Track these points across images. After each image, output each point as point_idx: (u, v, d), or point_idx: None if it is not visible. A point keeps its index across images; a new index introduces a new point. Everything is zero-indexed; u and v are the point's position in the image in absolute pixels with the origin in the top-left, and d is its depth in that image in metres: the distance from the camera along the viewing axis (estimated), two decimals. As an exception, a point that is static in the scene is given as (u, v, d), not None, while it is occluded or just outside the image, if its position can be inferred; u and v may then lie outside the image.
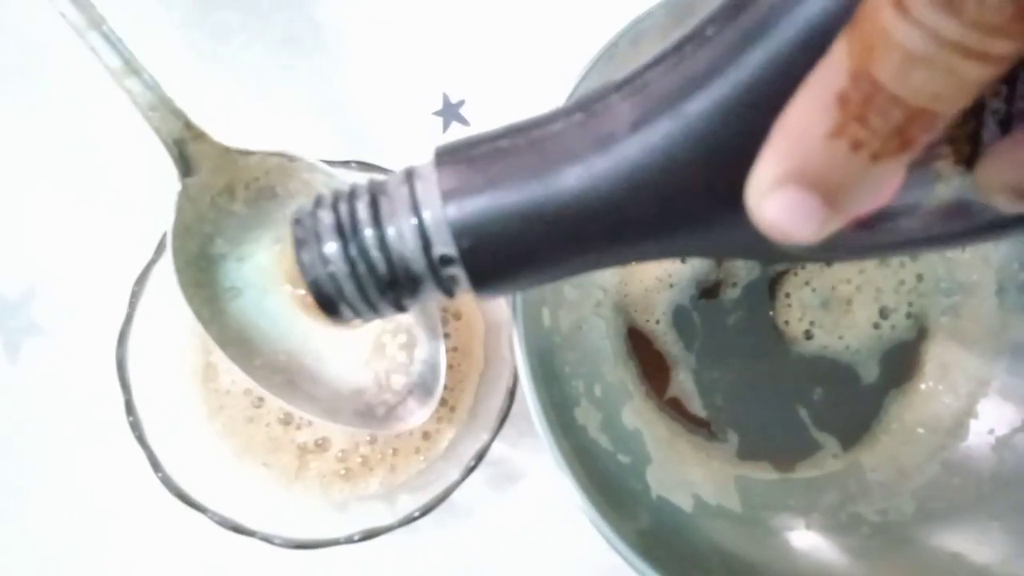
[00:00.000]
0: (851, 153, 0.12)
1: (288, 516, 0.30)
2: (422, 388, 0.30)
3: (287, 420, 0.33)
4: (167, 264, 0.30)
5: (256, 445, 0.32)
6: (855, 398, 0.34)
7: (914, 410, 0.33)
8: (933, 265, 0.34)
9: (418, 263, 0.17)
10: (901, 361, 0.34)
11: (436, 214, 0.16)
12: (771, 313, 0.34)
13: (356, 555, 0.34)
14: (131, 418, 0.29)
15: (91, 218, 0.36)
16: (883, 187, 0.13)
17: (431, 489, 0.30)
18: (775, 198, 0.13)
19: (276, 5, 0.38)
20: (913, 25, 0.11)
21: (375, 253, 0.17)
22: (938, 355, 0.34)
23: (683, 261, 0.34)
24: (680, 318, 0.34)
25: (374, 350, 0.31)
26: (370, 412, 0.30)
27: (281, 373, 0.29)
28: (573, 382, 0.31)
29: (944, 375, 0.33)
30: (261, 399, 0.33)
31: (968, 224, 0.16)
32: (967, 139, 0.14)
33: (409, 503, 0.30)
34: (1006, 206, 0.15)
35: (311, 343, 0.29)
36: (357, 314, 0.19)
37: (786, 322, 0.34)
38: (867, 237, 0.16)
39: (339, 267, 0.17)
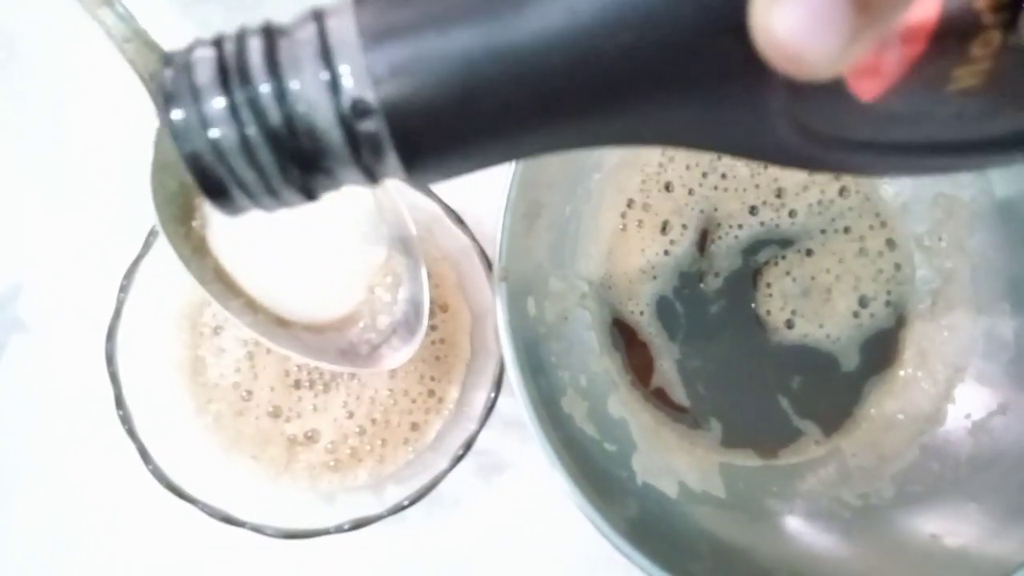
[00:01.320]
0: None
1: (278, 507, 0.31)
2: (405, 327, 0.30)
3: (276, 413, 0.33)
4: (155, 259, 0.30)
5: (245, 438, 0.33)
6: (836, 385, 0.34)
7: (893, 396, 0.34)
8: (911, 254, 0.34)
9: (326, 115, 0.13)
10: (880, 349, 0.34)
11: (352, 50, 0.13)
12: (753, 303, 0.34)
13: (345, 545, 0.34)
14: (121, 411, 0.29)
15: (78, 213, 0.36)
16: None
17: (419, 479, 0.30)
18: (790, 3, 0.10)
19: None
20: None
21: (273, 113, 0.13)
22: (916, 342, 0.34)
23: (666, 253, 0.34)
24: (663, 309, 0.34)
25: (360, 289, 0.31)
26: (354, 351, 0.29)
27: (264, 312, 0.28)
28: (559, 372, 0.32)
29: (922, 362, 0.34)
30: (250, 392, 0.33)
31: (998, 125, 0.13)
32: None
33: (397, 493, 0.30)
34: None
35: (293, 282, 0.29)
36: (253, 200, 0.14)
37: (768, 312, 0.34)
38: (881, 130, 0.14)
39: (225, 131, 0.13)
